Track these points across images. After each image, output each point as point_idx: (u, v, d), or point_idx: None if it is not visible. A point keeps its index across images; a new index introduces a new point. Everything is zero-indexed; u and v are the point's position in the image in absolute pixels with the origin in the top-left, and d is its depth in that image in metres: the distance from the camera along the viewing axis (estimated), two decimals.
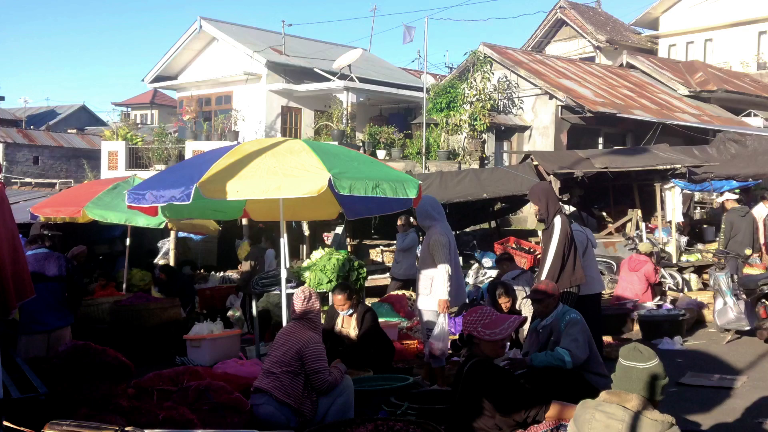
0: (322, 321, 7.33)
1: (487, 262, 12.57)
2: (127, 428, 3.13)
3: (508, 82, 21.23)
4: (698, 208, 17.24)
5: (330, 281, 10.17)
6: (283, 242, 7.13)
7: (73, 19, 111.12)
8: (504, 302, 7.92)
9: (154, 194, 5.93)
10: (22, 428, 3.39)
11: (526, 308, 8.02)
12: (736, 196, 12.39)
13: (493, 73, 20.80)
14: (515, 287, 8.46)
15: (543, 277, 6.82)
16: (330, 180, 5.64)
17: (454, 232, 15.52)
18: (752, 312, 9.03)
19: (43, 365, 5.13)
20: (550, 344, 5.81)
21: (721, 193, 13.47)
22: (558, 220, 6.87)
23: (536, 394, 4.49)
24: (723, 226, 11.58)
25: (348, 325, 7.32)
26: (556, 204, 7.01)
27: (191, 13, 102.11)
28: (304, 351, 5.37)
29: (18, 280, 4.24)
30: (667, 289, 11.81)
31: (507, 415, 4.35)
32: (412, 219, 11.31)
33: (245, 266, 11.79)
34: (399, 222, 11.50)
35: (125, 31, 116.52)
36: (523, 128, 20.93)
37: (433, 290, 6.95)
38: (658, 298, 10.78)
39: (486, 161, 20.26)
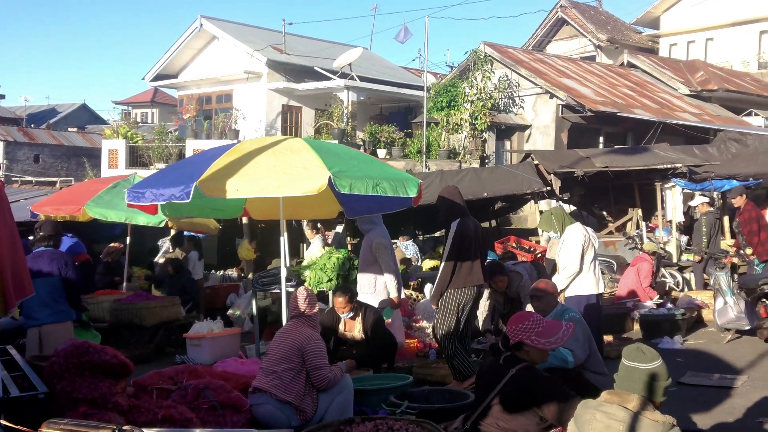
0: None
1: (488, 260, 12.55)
2: (125, 427, 3.12)
3: (508, 81, 21.21)
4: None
5: (330, 280, 10.17)
6: (283, 241, 7.12)
7: (74, 18, 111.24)
8: (500, 280, 8.13)
9: (153, 192, 5.92)
10: (19, 427, 3.38)
11: (523, 292, 8.11)
12: (707, 199, 12.93)
13: (493, 72, 20.78)
14: (515, 271, 8.61)
15: (438, 277, 6.96)
16: (330, 178, 5.63)
17: None
18: (752, 311, 9.02)
19: (42, 363, 5.13)
20: None
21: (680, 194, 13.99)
22: (455, 224, 6.97)
23: (577, 398, 4.47)
24: (704, 228, 12.14)
25: (351, 327, 7.32)
26: (456, 208, 7.05)
27: (192, 11, 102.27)
28: (306, 347, 5.37)
29: (17, 277, 4.23)
30: (668, 288, 11.81)
31: (555, 418, 4.34)
32: (320, 225, 11.48)
33: (178, 253, 12.33)
34: (306, 228, 11.54)
35: (126, 30, 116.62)
36: (524, 127, 20.91)
37: (378, 289, 7.85)
38: (658, 296, 10.77)
39: (486, 160, 20.24)
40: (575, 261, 7.44)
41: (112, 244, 11.23)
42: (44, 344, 6.70)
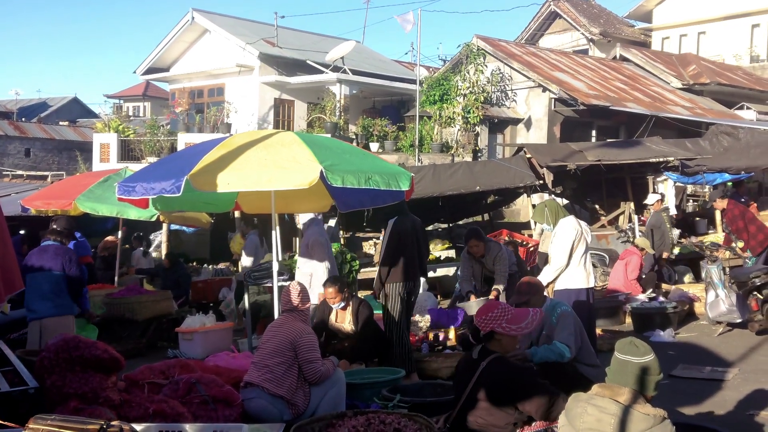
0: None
1: None
2: (113, 422, 3.09)
3: (501, 75, 21.19)
4: (691, 200, 17.29)
5: None
6: (275, 235, 7.10)
7: (65, 11, 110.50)
8: (474, 245, 8.36)
9: (144, 186, 5.88)
10: (5, 422, 3.36)
11: (502, 263, 8.42)
12: (659, 196, 13.33)
13: (486, 66, 20.76)
14: (493, 241, 8.91)
15: (377, 273, 7.32)
16: (322, 172, 5.60)
17: (447, 225, 15.70)
18: (744, 304, 9.05)
19: (33, 358, 5.10)
20: (541, 338, 5.79)
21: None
22: (391, 222, 7.36)
23: (555, 389, 4.48)
24: (668, 225, 12.50)
25: (342, 319, 7.31)
26: (396, 206, 7.33)
27: (184, 4, 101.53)
28: (298, 341, 5.35)
29: (6, 273, 4.21)
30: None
31: (532, 409, 4.35)
32: (256, 220, 11.68)
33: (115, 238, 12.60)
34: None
35: (117, 23, 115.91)
36: (517, 121, 20.91)
37: (313, 285, 7.90)
38: (650, 290, 10.79)
39: (479, 154, 20.24)
40: (564, 255, 7.41)
41: (108, 238, 11.21)
42: (44, 337, 6.78)
